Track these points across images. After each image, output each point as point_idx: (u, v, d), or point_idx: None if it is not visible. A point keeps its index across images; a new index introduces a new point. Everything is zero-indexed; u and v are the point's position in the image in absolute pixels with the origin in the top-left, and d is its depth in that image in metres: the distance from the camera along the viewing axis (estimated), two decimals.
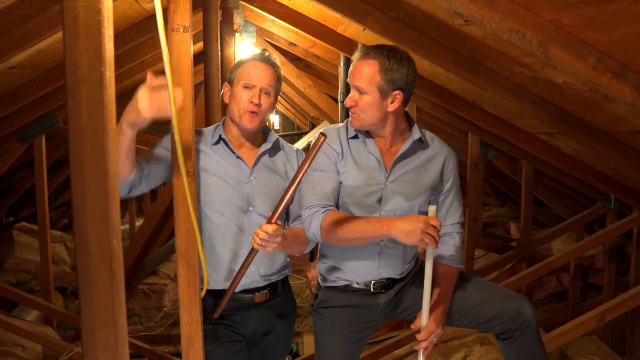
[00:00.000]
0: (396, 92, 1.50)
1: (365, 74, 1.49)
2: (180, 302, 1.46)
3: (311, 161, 1.31)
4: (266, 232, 1.34)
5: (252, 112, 1.53)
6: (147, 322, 4.68)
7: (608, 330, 3.44)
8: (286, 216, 1.67)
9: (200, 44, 2.67)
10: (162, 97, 1.16)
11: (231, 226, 1.56)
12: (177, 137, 1.12)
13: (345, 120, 1.64)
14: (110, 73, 0.78)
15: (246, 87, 1.55)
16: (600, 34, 1.41)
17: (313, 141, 1.33)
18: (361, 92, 1.50)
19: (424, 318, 1.50)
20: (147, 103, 1.15)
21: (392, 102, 1.51)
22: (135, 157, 1.38)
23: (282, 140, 1.71)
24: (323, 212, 1.50)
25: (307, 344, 3.71)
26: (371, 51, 1.50)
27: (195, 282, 1.45)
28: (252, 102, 1.52)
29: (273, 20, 3.19)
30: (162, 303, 5.02)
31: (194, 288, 1.45)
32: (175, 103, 1.06)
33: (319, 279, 1.72)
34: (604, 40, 1.44)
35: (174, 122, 1.07)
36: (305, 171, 1.32)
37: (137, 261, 3.85)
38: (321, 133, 1.30)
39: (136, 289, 4.92)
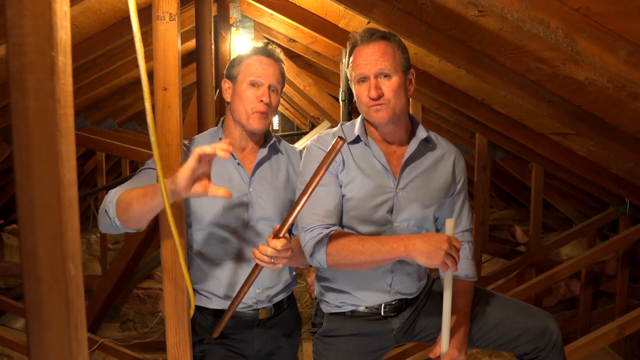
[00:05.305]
0: (410, 70, 1.40)
1: (389, 53, 1.34)
2: (167, 321, 1.32)
3: (326, 169, 1.14)
4: (275, 248, 1.20)
5: (262, 113, 1.40)
6: (141, 328, 4.52)
7: (620, 340, 3.29)
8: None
9: (193, 42, 2.52)
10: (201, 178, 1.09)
11: (231, 241, 1.43)
12: (153, 139, 0.96)
13: (340, 124, 1.48)
14: (64, 59, 0.64)
15: (253, 84, 1.41)
16: (635, 23, 1.27)
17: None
18: (386, 75, 1.34)
19: (444, 344, 1.33)
20: (186, 179, 1.06)
21: (410, 83, 1.40)
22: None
23: (283, 143, 1.56)
24: (328, 235, 1.32)
25: (307, 352, 3.56)
26: (377, 32, 1.36)
27: (183, 300, 1.30)
28: (262, 101, 1.39)
29: (272, 14, 3.06)
30: (157, 308, 4.86)
31: (182, 306, 1.31)
32: (149, 99, 0.91)
33: (319, 304, 1.54)
34: (637, 30, 1.29)
35: (149, 120, 0.91)
36: (319, 181, 1.15)
37: (130, 266, 3.71)
38: (339, 137, 1.12)
39: (131, 294, 4.76)
